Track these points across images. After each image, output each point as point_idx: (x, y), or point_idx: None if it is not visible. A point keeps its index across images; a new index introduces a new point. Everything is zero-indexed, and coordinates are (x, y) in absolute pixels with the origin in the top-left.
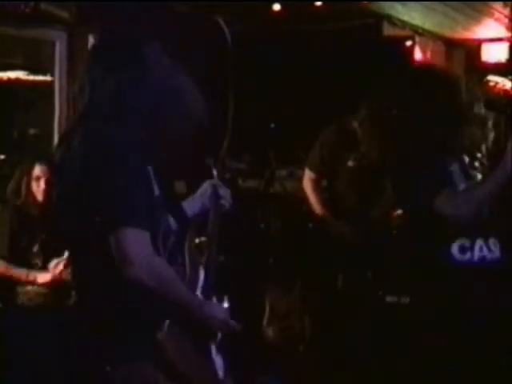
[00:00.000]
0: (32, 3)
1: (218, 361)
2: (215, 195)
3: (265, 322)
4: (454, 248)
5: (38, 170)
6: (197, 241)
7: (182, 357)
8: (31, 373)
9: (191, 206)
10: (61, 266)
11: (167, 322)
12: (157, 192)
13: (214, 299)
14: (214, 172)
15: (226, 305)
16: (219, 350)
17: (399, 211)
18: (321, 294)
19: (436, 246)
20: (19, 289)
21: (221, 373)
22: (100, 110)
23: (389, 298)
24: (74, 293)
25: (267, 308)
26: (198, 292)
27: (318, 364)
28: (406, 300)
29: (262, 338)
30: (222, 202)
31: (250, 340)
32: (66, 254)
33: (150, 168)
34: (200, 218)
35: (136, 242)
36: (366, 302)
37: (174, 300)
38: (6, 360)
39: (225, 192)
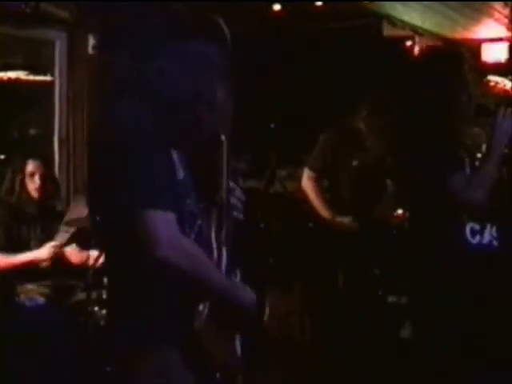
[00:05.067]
0: (32, 3)
1: (238, 344)
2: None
3: (265, 322)
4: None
5: (31, 166)
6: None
7: (211, 340)
8: (31, 373)
9: None
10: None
11: (205, 311)
12: (181, 176)
13: (237, 279)
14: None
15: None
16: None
17: (399, 211)
18: (321, 293)
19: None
20: (19, 288)
21: (240, 356)
22: (121, 87)
23: (390, 298)
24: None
25: (267, 308)
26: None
27: (318, 363)
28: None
29: (261, 337)
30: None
31: (249, 340)
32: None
33: (174, 151)
34: None
35: (161, 223)
36: (367, 301)
37: (207, 281)
38: (6, 360)
39: (239, 193)
